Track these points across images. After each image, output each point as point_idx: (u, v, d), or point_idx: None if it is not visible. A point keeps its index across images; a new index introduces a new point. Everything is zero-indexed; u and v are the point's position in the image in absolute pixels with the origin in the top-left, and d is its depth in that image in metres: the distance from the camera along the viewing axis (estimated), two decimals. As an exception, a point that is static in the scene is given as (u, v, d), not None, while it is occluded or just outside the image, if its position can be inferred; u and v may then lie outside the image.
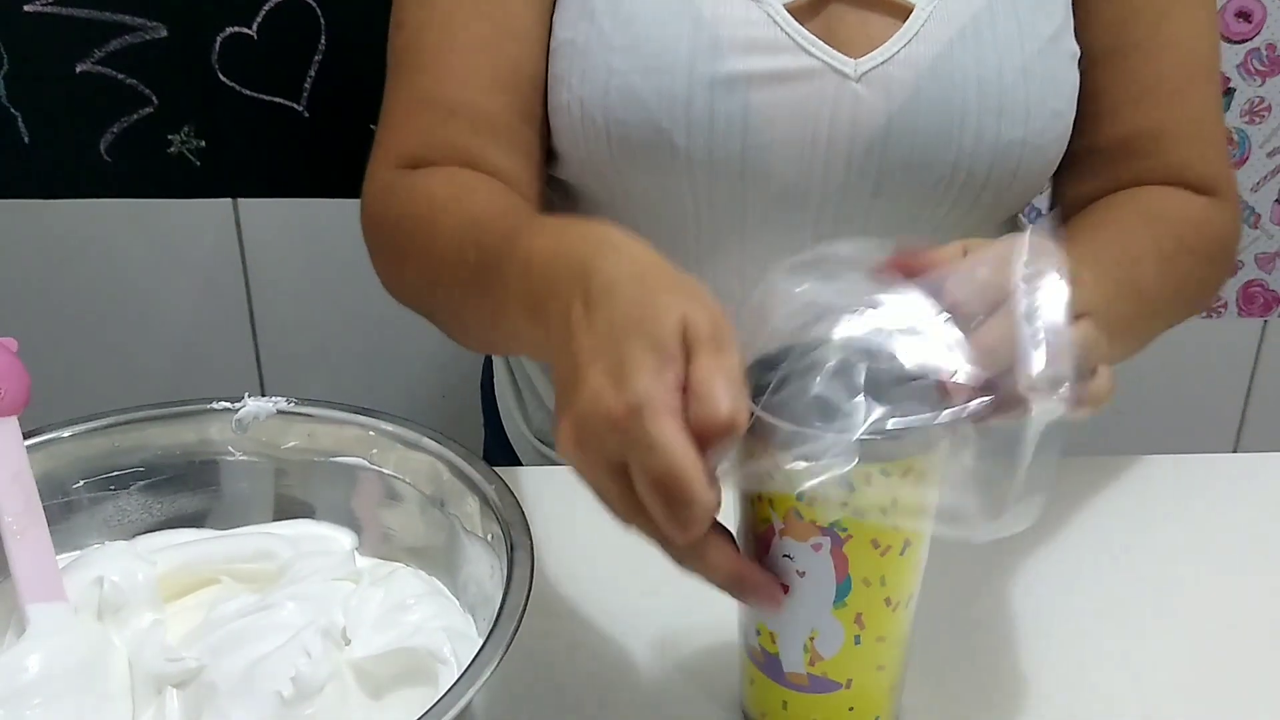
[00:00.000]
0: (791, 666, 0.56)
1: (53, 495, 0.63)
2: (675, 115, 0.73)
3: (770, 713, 0.58)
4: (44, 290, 1.51)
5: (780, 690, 0.57)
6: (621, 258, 0.52)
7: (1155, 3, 0.78)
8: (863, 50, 0.73)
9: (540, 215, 0.67)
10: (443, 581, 0.62)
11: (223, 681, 0.53)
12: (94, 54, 1.39)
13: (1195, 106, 0.80)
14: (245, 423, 0.66)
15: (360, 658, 0.55)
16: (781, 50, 0.73)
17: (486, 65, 0.76)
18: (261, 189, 1.47)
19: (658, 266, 0.52)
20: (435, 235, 0.69)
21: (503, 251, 0.61)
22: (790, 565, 0.52)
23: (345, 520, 0.66)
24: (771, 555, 0.53)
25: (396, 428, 0.65)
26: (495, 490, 0.60)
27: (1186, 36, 0.79)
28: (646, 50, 0.72)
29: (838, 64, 0.73)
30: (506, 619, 0.52)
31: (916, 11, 0.73)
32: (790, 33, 0.73)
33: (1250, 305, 1.53)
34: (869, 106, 0.73)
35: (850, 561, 0.52)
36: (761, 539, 0.53)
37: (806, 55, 0.73)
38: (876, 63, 0.73)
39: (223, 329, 1.55)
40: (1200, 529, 0.76)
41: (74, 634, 0.57)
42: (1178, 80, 0.79)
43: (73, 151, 1.43)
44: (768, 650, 0.56)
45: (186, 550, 0.63)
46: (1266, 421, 1.58)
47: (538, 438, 0.94)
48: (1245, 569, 0.73)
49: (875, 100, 0.73)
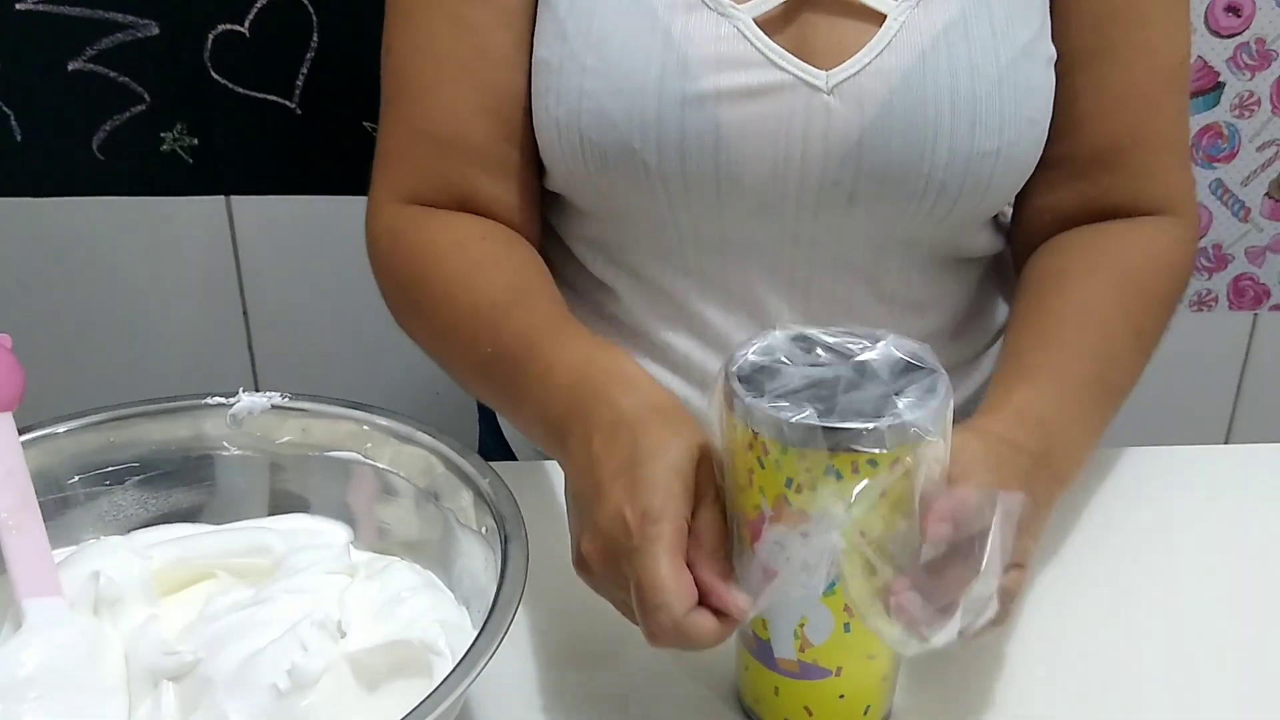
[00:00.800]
0: (783, 653, 0.56)
1: (48, 491, 0.63)
2: (646, 136, 0.73)
3: (763, 699, 0.59)
4: (37, 289, 1.51)
5: (772, 676, 0.57)
6: (639, 395, 0.60)
7: (1134, 6, 0.78)
8: (835, 60, 0.73)
9: (555, 311, 0.72)
10: (437, 575, 0.62)
11: (219, 674, 0.54)
12: (86, 52, 1.39)
13: (1166, 117, 0.80)
14: (240, 418, 0.66)
15: (356, 650, 0.56)
16: (751, 65, 0.73)
17: (470, 92, 0.78)
18: (254, 186, 1.47)
19: (675, 406, 0.60)
20: (448, 310, 0.75)
21: (520, 359, 0.67)
22: (780, 552, 0.53)
23: (340, 515, 0.66)
24: (762, 541, 0.53)
25: (391, 422, 0.65)
26: (489, 484, 0.60)
27: (1162, 44, 0.79)
28: (616, 72, 0.73)
29: (809, 77, 0.73)
30: (501, 611, 0.52)
31: (889, 21, 0.72)
32: (760, 47, 0.72)
33: (1241, 299, 1.53)
34: (841, 119, 0.73)
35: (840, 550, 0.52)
36: (752, 525, 0.54)
37: (776, 69, 0.73)
38: (848, 74, 0.73)
39: (216, 326, 1.55)
40: (1192, 520, 0.77)
41: (70, 628, 0.57)
42: (1150, 89, 0.79)
43: (65, 149, 1.43)
44: (760, 636, 0.57)
45: (182, 545, 0.64)
46: (1257, 414, 1.59)
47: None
48: (1237, 559, 0.74)
49: (847, 112, 0.73)
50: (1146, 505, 0.78)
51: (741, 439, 0.53)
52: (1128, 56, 0.78)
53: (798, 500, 0.52)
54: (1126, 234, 0.80)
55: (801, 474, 0.51)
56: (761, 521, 0.53)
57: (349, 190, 1.46)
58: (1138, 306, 0.76)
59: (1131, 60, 0.78)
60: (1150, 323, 0.77)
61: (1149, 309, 0.77)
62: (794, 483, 0.51)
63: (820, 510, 0.51)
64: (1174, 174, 0.82)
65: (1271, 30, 1.41)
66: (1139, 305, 0.76)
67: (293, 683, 0.53)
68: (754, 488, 0.53)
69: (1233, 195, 1.51)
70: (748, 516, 0.54)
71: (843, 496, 0.51)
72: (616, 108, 0.73)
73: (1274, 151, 1.48)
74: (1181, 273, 0.81)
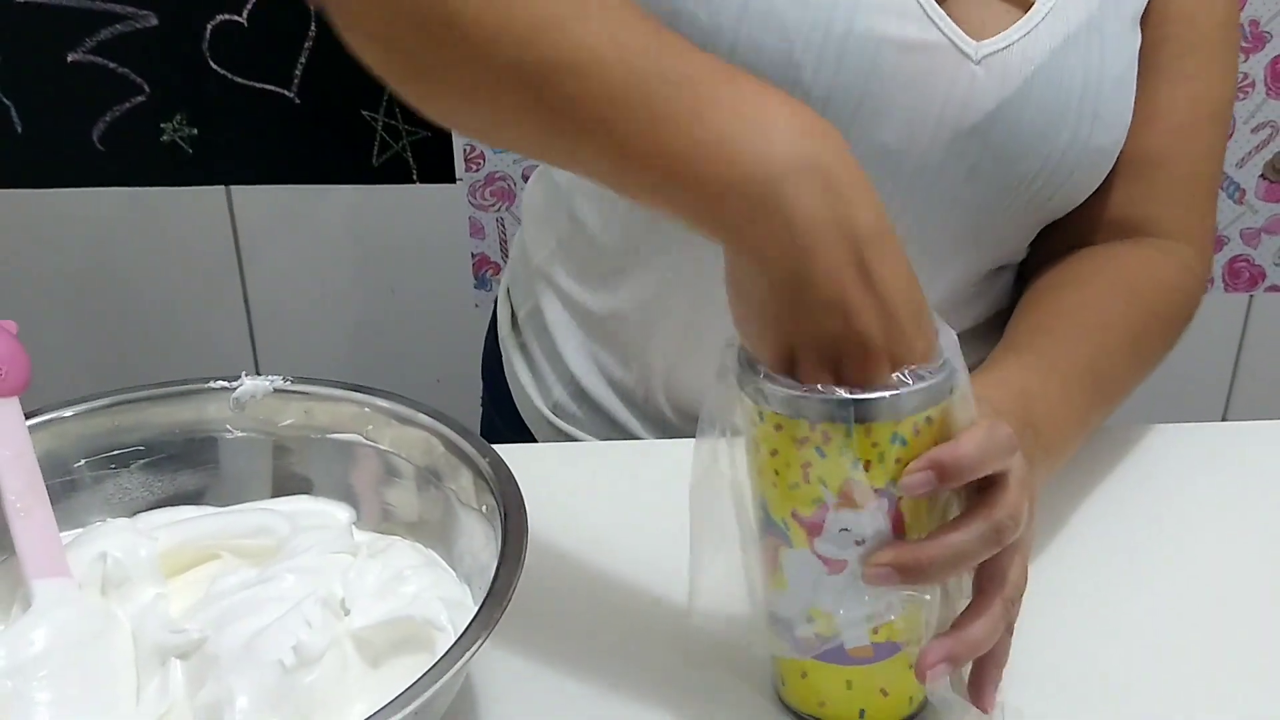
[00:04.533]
0: (855, 641, 0.55)
1: (55, 474, 0.64)
2: (811, 48, 0.70)
3: (831, 698, 0.57)
4: (40, 278, 1.52)
5: (843, 671, 0.56)
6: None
7: (1184, 36, 0.80)
8: (980, 35, 0.74)
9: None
10: (439, 554, 0.63)
11: (225, 652, 0.54)
12: (85, 43, 1.39)
13: (1199, 147, 0.82)
14: (243, 401, 0.67)
15: (359, 627, 0.56)
16: (912, 20, 0.73)
17: None
18: (254, 175, 1.48)
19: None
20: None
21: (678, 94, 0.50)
22: (848, 538, 0.52)
23: (342, 495, 0.67)
24: (825, 535, 0.52)
25: (391, 404, 0.66)
26: (489, 463, 0.61)
27: (1204, 77, 0.81)
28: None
29: (961, 43, 0.74)
30: (501, 586, 0.53)
31: (1038, 5, 0.75)
32: (924, 5, 0.73)
33: (1236, 280, 1.54)
34: (983, 89, 0.74)
35: (906, 519, 0.52)
36: (810, 523, 0.53)
37: (934, 28, 0.73)
38: (998, 47, 0.74)
39: (217, 316, 1.56)
40: (1191, 494, 0.78)
41: (78, 608, 0.58)
42: (1191, 115, 0.81)
43: (66, 141, 1.44)
44: (823, 636, 0.55)
45: (187, 527, 0.64)
46: (1253, 393, 1.60)
47: (554, 413, 0.96)
48: (1234, 534, 0.74)
49: (990, 84, 0.74)
50: (1146, 480, 0.79)
51: (793, 435, 0.51)
52: (1173, 79, 0.80)
53: (868, 478, 0.51)
54: (1135, 252, 0.81)
55: (869, 449, 0.50)
56: (824, 513, 0.52)
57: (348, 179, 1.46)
58: (1138, 317, 0.78)
59: (1176, 83, 0.80)
60: (1149, 335, 0.78)
61: (1149, 323, 0.78)
62: (861, 461, 0.51)
63: (891, 479, 0.51)
64: (1197, 205, 0.83)
65: (1265, 12, 1.41)
66: (1139, 315, 0.78)
67: (297, 659, 0.53)
68: (812, 482, 0.52)
69: (1228, 177, 1.51)
70: (802, 515, 0.53)
71: (907, 461, 0.51)
72: (790, 11, 0.69)
73: (1268, 133, 1.48)
74: (1188, 298, 0.82)
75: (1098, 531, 0.74)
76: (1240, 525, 0.75)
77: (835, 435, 0.50)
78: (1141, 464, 0.81)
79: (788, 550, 0.54)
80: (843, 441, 0.50)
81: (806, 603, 0.54)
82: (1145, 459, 0.81)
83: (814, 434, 0.51)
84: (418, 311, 1.56)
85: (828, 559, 0.53)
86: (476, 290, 1.56)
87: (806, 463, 0.51)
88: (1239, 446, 0.84)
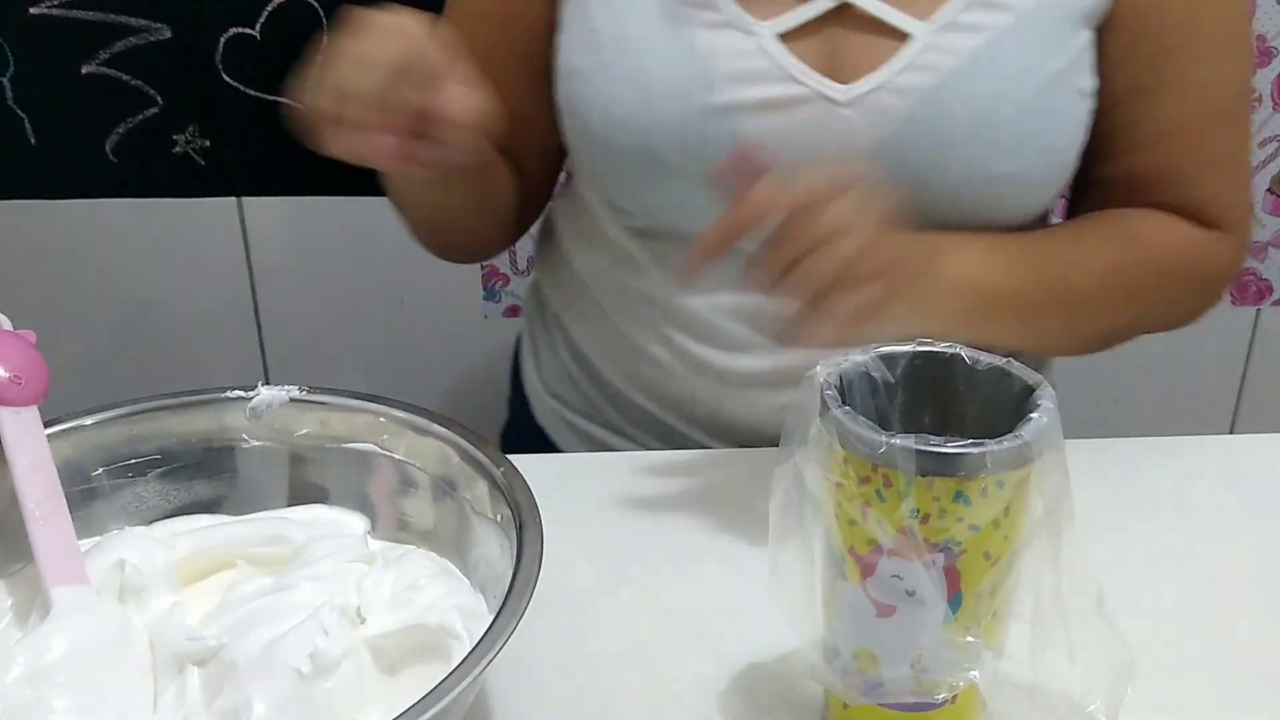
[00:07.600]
0: (896, 686, 0.54)
1: (74, 482, 0.64)
2: (669, 140, 0.77)
3: None
4: (53, 288, 1.52)
5: (882, 713, 0.55)
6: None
7: (1189, 45, 0.80)
8: (860, 74, 0.76)
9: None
10: (454, 563, 0.64)
11: (242, 659, 0.55)
12: (99, 55, 1.40)
13: (1214, 147, 0.82)
14: (259, 410, 0.67)
15: (375, 635, 0.57)
16: (771, 80, 0.76)
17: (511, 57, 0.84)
18: (266, 188, 1.49)
19: None
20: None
21: None
22: (899, 585, 0.51)
23: (358, 505, 0.68)
24: (877, 578, 0.52)
25: (407, 414, 0.66)
26: (504, 473, 0.62)
27: (1215, 79, 0.81)
28: (644, 80, 0.77)
29: (827, 90, 0.76)
30: (517, 594, 0.53)
31: (912, 40, 0.75)
32: (780, 63, 0.76)
33: (1243, 294, 1.54)
34: (857, 131, 0.76)
35: (963, 576, 0.51)
36: (865, 563, 0.52)
37: (795, 84, 0.76)
38: (867, 89, 0.75)
39: (228, 328, 1.56)
40: (1198, 507, 0.78)
41: (96, 615, 0.58)
42: (1201, 122, 0.81)
43: (79, 152, 1.45)
44: (866, 672, 0.54)
45: (204, 535, 0.65)
46: (1261, 407, 1.60)
47: (551, 395, 0.97)
48: (1242, 546, 0.75)
49: (863, 125, 0.76)
50: (1154, 491, 0.79)
51: (858, 472, 0.51)
52: (1181, 91, 0.81)
53: (924, 530, 0.50)
54: (1150, 214, 0.82)
55: (929, 503, 0.49)
56: (878, 555, 0.51)
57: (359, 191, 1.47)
58: (1131, 254, 0.80)
59: (1182, 95, 0.81)
60: (1146, 277, 0.80)
61: (1146, 264, 0.80)
62: (919, 512, 0.50)
63: (950, 537, 0.50)
64: (1223, 199, 0.83)
65: (1272, 27, 1.42)
66: (1134, 254, 0.80)
67: (314, 666, 0.54)
68: (869, 521, 0.51)
69: (1235, 191, 1.51)
70: (858, 552, 0.52)
71: (970, 521, 0.50)
72: (644, 114, 0.77)
73: (1275, 147, 1.49)
74: (1206, 259, 0.83)
75: (1104, 543, 0.74)
76: (1247, 537, 0.75)
77: (896, 481, 0.49)
78: (1149, 476, 0.81)
79: (843, 583, 0.54)
80: (903, 489, 0.49)
81: (854, 639, 0.54)
82: (1153, 471, 0.81)
83: (876, 475, 0.50)
84: (428, 323, 1.57)
85: (878, 602, 0.52)
86: (486, 302, 1.57)
87: (866, 502, 0.51)
88: (1246, 459, 0.84)
